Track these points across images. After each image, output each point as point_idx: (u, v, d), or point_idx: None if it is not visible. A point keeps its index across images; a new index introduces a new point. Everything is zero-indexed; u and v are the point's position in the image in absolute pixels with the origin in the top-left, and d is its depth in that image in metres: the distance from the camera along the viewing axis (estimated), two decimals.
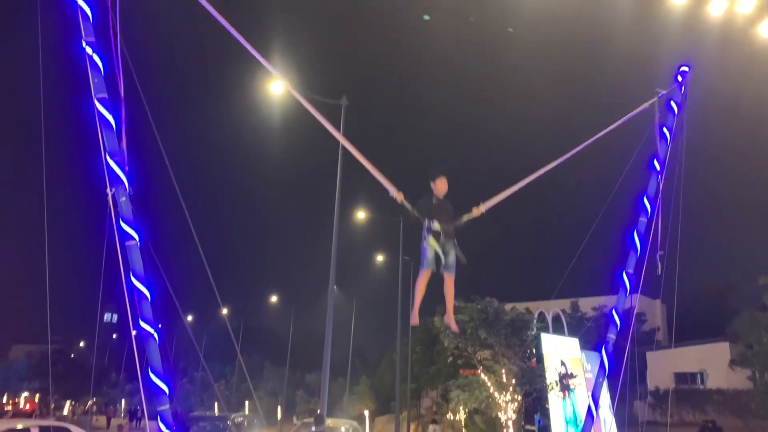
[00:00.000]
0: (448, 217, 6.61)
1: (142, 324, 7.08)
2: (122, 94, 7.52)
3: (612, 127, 9.58)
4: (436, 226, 6.45)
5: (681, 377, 32.73)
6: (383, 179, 6.66)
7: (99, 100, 7.26)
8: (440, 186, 6.63)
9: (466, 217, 6.74)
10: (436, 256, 6.55)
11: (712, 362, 31.30)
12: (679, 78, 10.88)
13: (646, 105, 10.38)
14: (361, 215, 29.55)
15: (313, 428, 22.66)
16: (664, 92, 10.61)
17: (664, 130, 10.75)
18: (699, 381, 32.25)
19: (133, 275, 7.08)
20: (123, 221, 7.14)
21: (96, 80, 7.29)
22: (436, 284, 6.80)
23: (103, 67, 7.33)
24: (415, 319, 7.20)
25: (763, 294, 24.26)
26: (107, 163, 7.22)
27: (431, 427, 33.79)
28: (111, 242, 7.18)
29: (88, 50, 7.27)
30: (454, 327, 7.33)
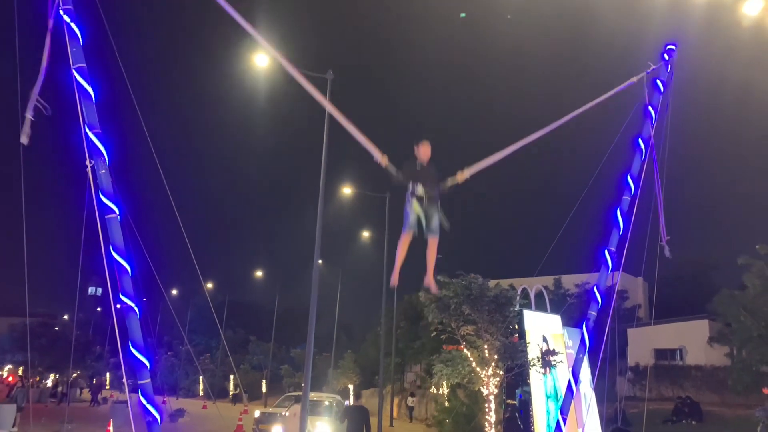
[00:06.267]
0: (431, 182, 6.71)
1: (123, 298, 7.03)
2: None
3: (600, 99, 9.55)
4: (419, 190, 6.56)
5: (661, 353, 33.28)
6: (368, 143, 6.64)
7: (77, 70, 7.10)
8: (424, 151, 6.72)
9: (450, 181, 6.80)
10: (418, 220, 6.68)
11: (691, 339, 31.83)
12: (666, 56, 10.85)
13: (634, 79, 10.34)
14: (347, 190, 29.48)
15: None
16: (654, 66, 10.57)
17: (649, 108, 10.75)
18: (678, 357, 32.81)
19: (114, 249, 7.01)
20: (103, 194, 7.04)
21: (74, 49, 7.13)
22: (421, 250, 6.84)
23: (81, 35, 7.16)
24: (394, 279, 7.37)
25: (743, 273, 24.58)
26: (86, 135, 7.10)
27: (410, 399, 35.17)
28: (91, 215, 7.08)
29: (66, 18, 7.10)
30: (434, 289, 7.42)
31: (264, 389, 50.97)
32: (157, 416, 7.09)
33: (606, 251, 10.50)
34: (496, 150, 7.31)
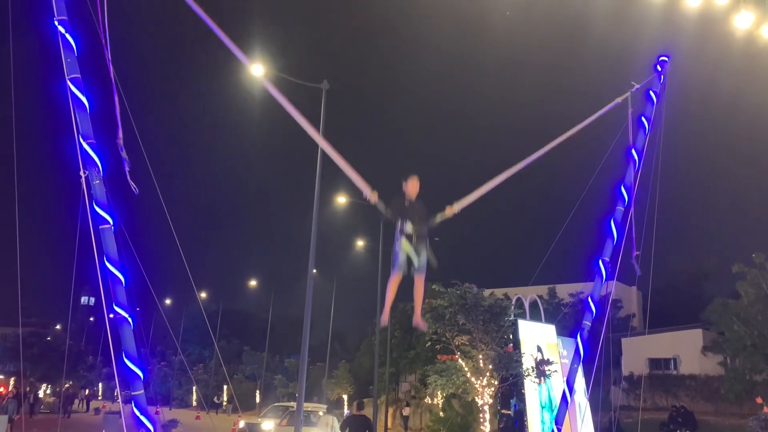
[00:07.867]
0: (420, 219, 6.60)
1: (116, 308, 7.00)
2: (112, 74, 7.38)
3: (585, 123, 9.54)
4: (408, 228, 6.44)
5: (655, 363, 33.27)
6: (358, 179, 6.61)
7: (72, 80, 7.10)
8: (412, 187, 6.62)
9: (439, 217, 6.70)
10: (408, 259, 6.53)
11: (686, 348, 31.86)
12: (659, 68, 10.94)
13: (618, 100, 10.37)
14: (341, 200, 29.47)
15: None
16: (638, 86, 10.65)
17: (643, 119, 10.83)
18: (672, 366, 32.81)
19: (107, 259, 6.98)
20: (97, 204, 7.02)
21: (69, 60, 7.13)
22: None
23: (76, 46, 7.16)
24: (384, 320, 7.34)
25: (736, 282, 24.66)
26: (81, 146, 7.09)
27: (404, 409, 35.21)
28: (85, 226, 7.07)
29: (61, 29, 7.10)
30: (423, 327, 7.35)
31: (258, 399, 50.71)
32: (150, 427, 7.06)
33: (600, 261, 10.54)
34: (488, 171, 7.26)
